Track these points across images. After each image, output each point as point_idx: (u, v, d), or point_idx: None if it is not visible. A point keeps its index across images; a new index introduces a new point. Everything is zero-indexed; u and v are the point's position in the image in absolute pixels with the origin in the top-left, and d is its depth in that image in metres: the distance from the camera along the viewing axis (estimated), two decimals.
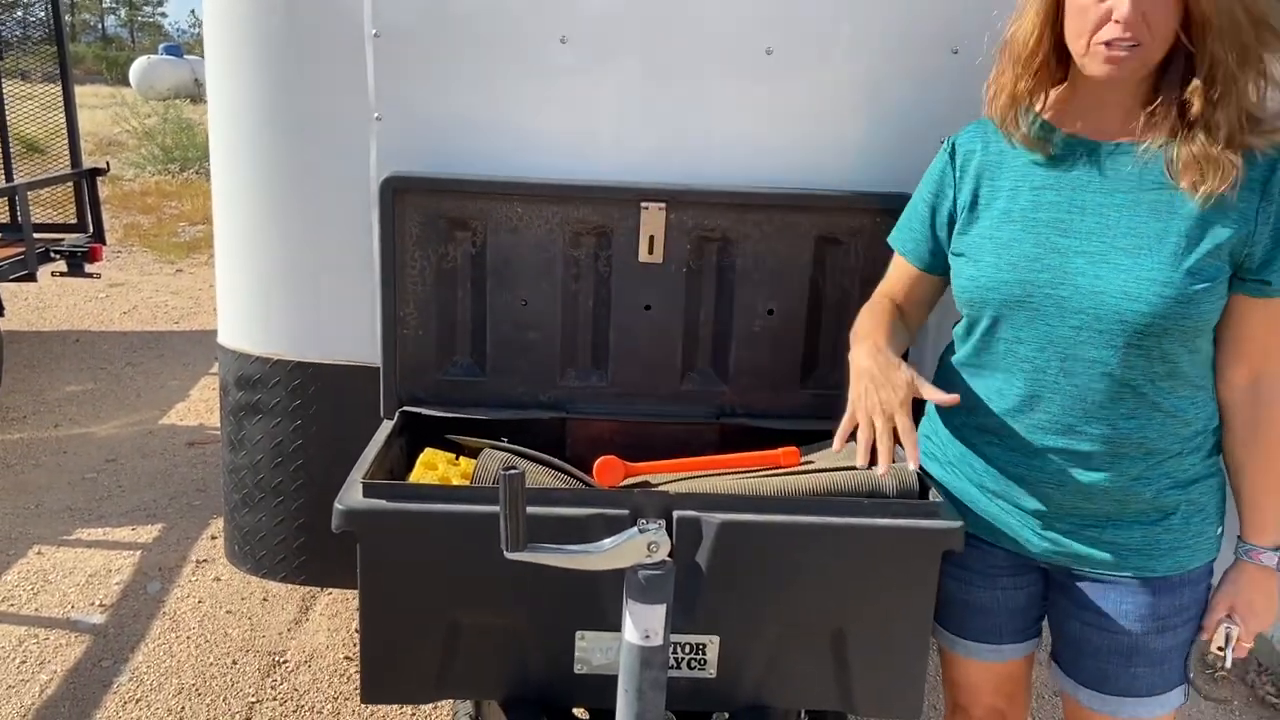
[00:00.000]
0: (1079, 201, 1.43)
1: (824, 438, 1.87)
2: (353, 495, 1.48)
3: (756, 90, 1.85)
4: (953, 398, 1.43)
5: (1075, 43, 1.36)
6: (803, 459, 1.79)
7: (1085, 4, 1.32)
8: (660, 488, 1.73)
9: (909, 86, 1.85)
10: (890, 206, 1.82)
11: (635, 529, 1.33)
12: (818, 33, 1.84)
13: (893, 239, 1.67)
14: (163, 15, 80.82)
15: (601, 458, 1.75)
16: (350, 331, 1.97)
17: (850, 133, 1.88)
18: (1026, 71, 1.43)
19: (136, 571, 3.42)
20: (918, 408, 1.74)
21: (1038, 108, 1.47)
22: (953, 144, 1.58)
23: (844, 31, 1.84)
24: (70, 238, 5.57)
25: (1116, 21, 1.29)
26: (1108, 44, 1.31)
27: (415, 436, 1.84)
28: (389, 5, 1.82)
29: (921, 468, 1.66)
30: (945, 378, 1.62)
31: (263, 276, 2.01)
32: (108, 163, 6.61)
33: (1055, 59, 1.43)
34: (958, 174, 1.55)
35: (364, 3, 1.82)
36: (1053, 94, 1.47)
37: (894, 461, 1.73)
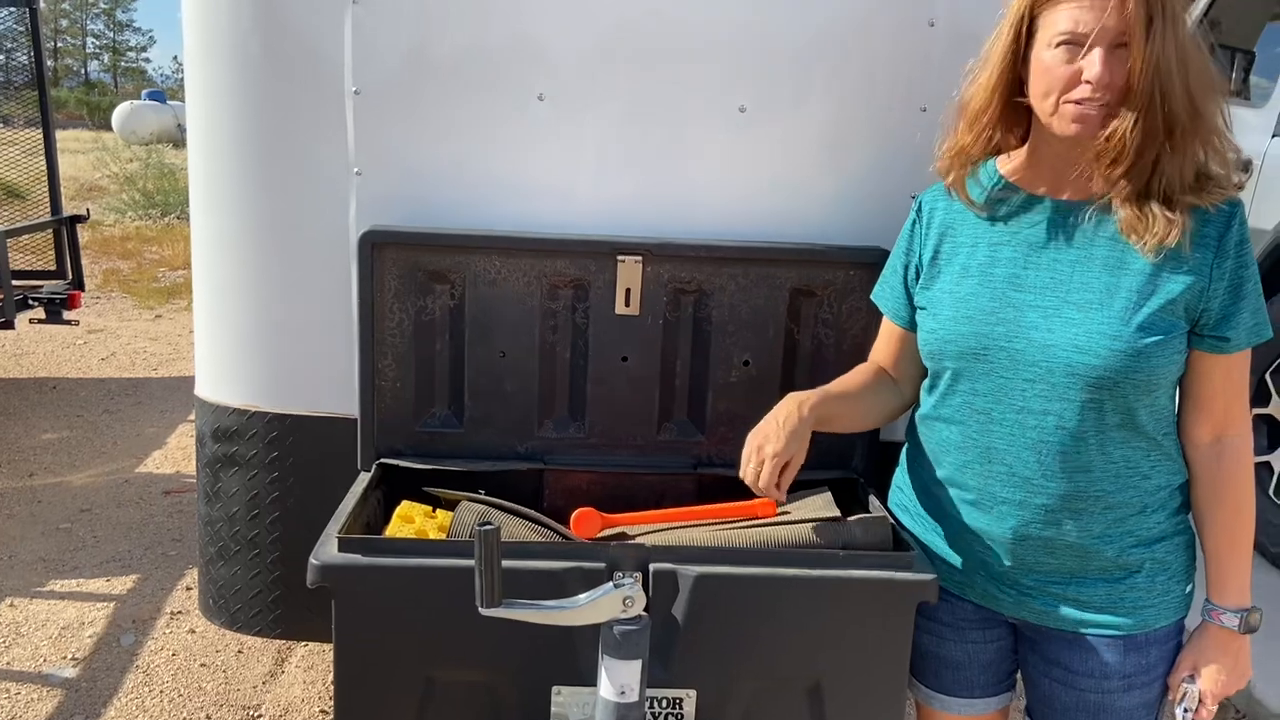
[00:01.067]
0: (1034, 257, 1.46)
1: (800, 488, 1.89)
2: (328, 550, 1.48)
3: (730, 146, 1.89)
4: (779, 496, 1.51)
5: (1043, 102, 1.38)
6: (779, 510, 1.80)
7: (1053, 64, 1.36)
8: (637, 539, 1.74)
9: (878, 143, 1.89)
10: (861, 260, 1.86)
11: (610, 584, 1.34)
12: (789, 91, 1.88)
13: (875, 296, 1.70)
14: (146, 61, 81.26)
15: (578, 509, 1.76)
16: (328, 383, 1.98)
17: (821, 188, 1.92)
18: (976, 130, 1.47)
19: (110, 624, 3.37)
20: (892, 465, 1.76)
21: (1001, 167, 1.50)
22: (919, 202, 1.61)
23: (815, 90, 1.88)
24: (49, 284, 5.55)
25: (1087, 82, 1.33)
26: (1078, 103, 1.34)
27: (392, 489, 1.84)
28: (369, 64, 1.85)
29: (895, 519, 1.68)
30: (913, 431, 1.64)
31: (242, 328, 2.02)
32: (88, 209, 6.60)
33: (1005, 118, 1.46)
34: (923, 230, 1.59)
35: (345, 61, 1.85)
36: (1012, 153, 1.50)
37: (869, 512, 1.76)
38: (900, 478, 1.71)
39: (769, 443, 1.48)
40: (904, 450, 1.71)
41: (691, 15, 1.84)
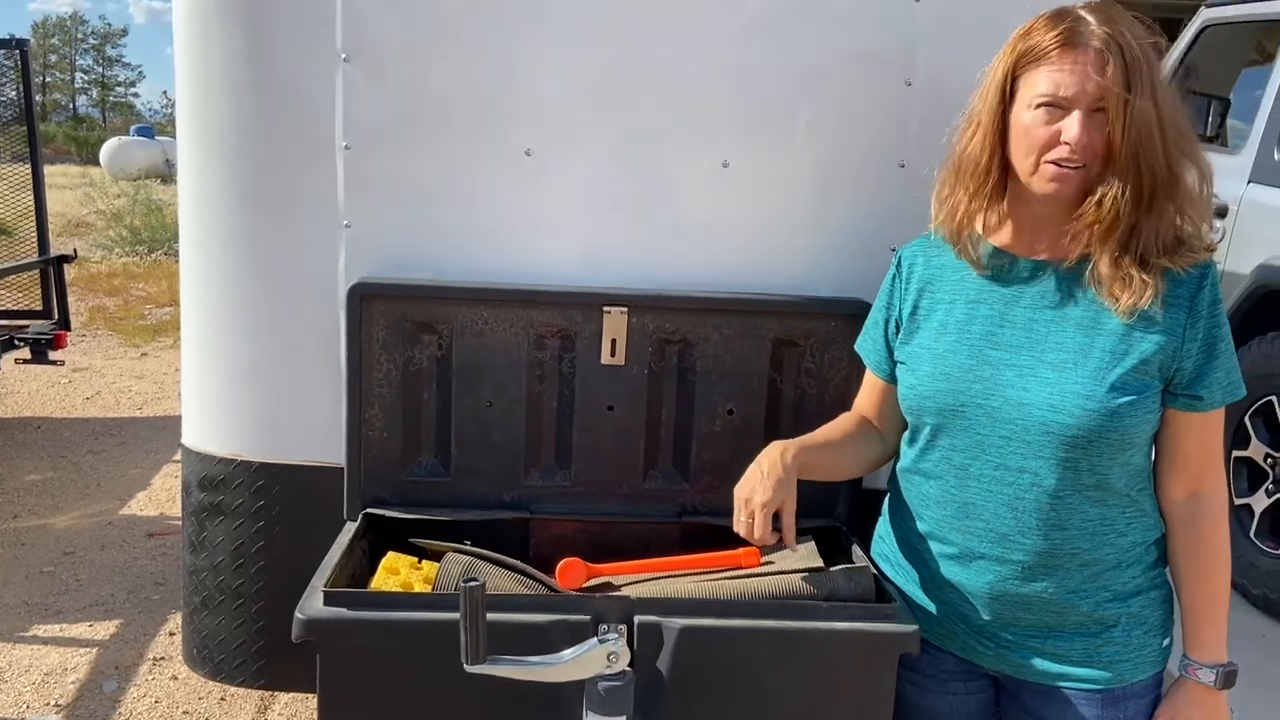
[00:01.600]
0: (1010, 315, 1.48)
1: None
2: (313, 604, 1.49)
3: (714, 200, 1.92)
4: (777, 539, 1.53)
5: (1023, 161, 1.41)
6: (763, 559, 1.81)
7: (1032, 125, 1.38)
8: (622, 590, 1.75)
9: (858, 198, 1.93)
10: (843, 311, 1.89)
11: (595, 639, 1.35)
12: (771, 147, 1.92)
13: (859, 347, 1.72)
14: (135, 96, 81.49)
15: (564, 560, 1.76)
16: (315, 433, 1.98)
17: (803, 241, 1.95)
18: (979, 190, 1.47)
19: (93, 670, 3.34)
20: (875, 513, 1.78)
21: (978, 225, 1.54)
22: (899, 256, 1.64)
23: (796, 146, 1.92)
24: (35, 324, 5.54)
25: (1065, 143, 1.36)
26: (1056, 163, 1.37)
27: (378, 539, 1.85)
28: (359, 119, 1.88)
29: (878, 569, 1.69)
30: (894, 482, 1.67)
31: (229, 378, 2.03)
32: (75, 249, 6.62)
33: (999, 179, 1.47)
34: (903, 285, 1.62)
35: (336, 115, 1.88)
36: (992, 212, 1.53)
37: (852, 562, 1.77)
38: (883, 527, 1.73)
39: (756, 494, 1.50)
40: (886, 500, 1.73)
41: (676, 75, 1.88)
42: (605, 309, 1.89)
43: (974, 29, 1.80)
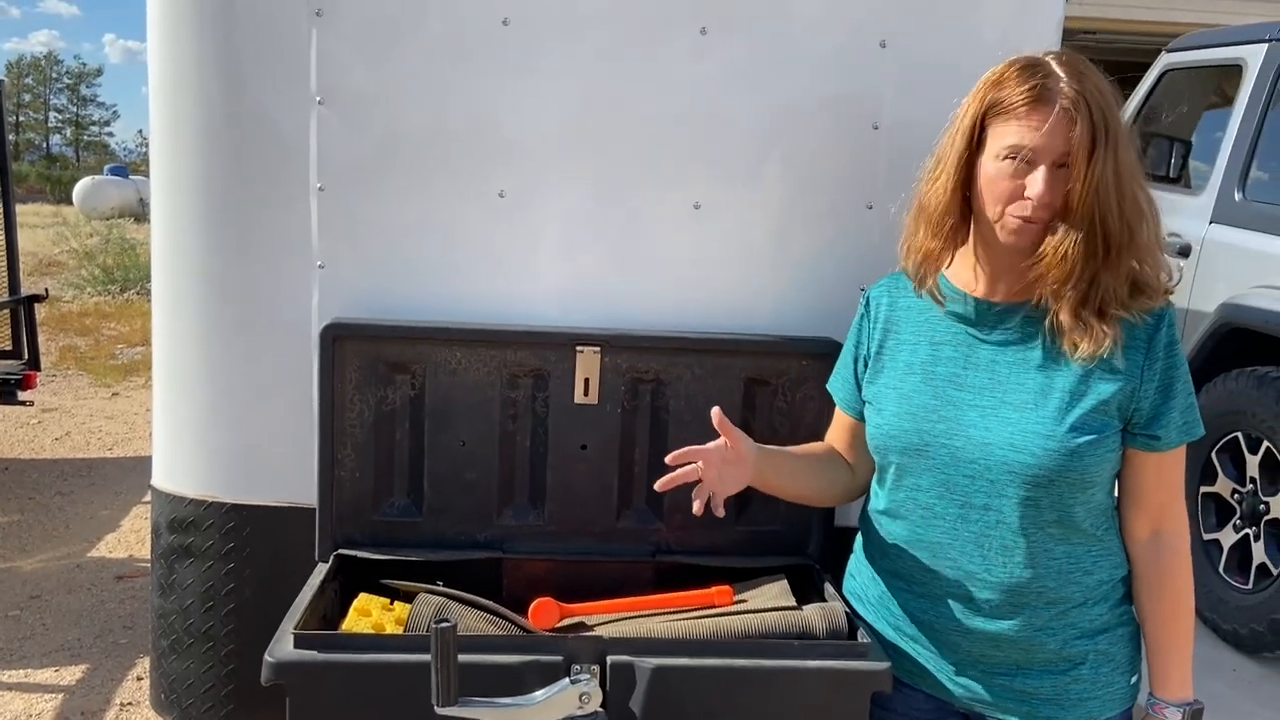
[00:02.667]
0: (974, 357, 1.51)
1: (758, 574, 1.91)
2: (283, 646, 1.48)
3: (685, 241, 1.95)
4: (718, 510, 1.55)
5: (989, 209, 1.43)
6: (736, 597, 1.82)
7: (997, 177, 1.41)
8: (596, 630, 1.74)
9: (827, 239, 1.96)
10: (813, 350, 1.91)
11: (567, 680, 1.35)
12: (741, 189, 1.95)
13: (830, 386, 1.74)
14: (109, 135, 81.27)
15: (537, 600, 1.76)
16: (287, 474, 1.98)
17: (773, 281, 1.97)
18: (940, 233, 1.50)
19: (58, 716, 3.28)
20: (847, 550, 1.79)
21: (943, 266, 1.56)
22: (867, 296, 1.67)
23: (765, 187, 1.95)
24: (4, 364, 5.48)
25: (1028, 198, 1.38)
26: (1020, 218, 1.40)
27: (350, 580, 1.83)
28: (333, 160, 1.90)
29: (850, 608, 1.70)
30: (865, 523, 1.68)
31: (200, 419, 2.02)
32: (46, 289, 6.56)
33: (964, 222, 1.50)
34: (870, 325, 1.64)
35: (310, 156, 1.90)
36: (955, 254, 1.56)
37: (824, 600, 1.78)
38: (854, 564, 1.74)
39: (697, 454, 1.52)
40: (858, 538, 1.74)
41: (648, 120, 1.91)
42: (578, 348, 1.90)
43: (940, 73, 1.84)
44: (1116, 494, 1.53)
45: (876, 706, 1.61)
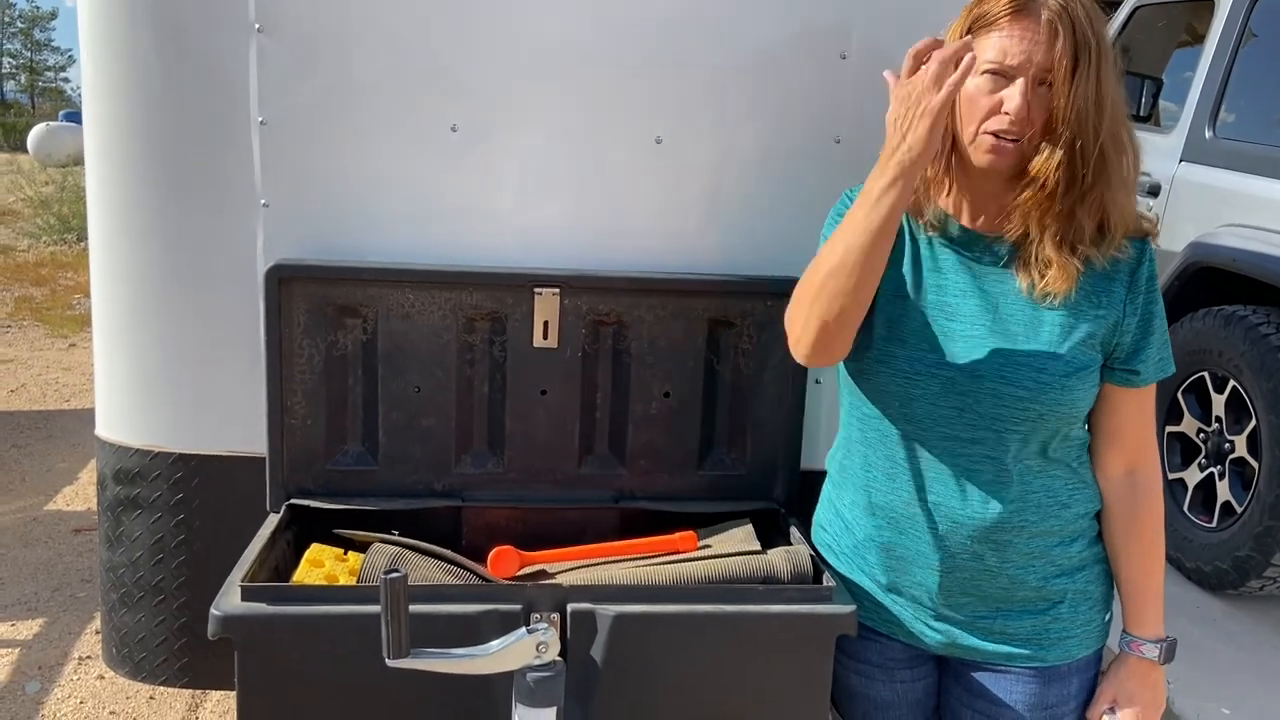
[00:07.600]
0: (962, 286, 1.46)
1: (722, 519, 1.87)
2: (230, 599, 1.42)
3: (646, 178, 1.87)
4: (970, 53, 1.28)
5: (964, 129, 1.38)
6: (700, 543, 1.78)
7: (975, 94, 1.35)
8: (556, 578, 1.70)
9: (793, 175, 1.89)
10: (779, 290, 1.85)
11: (523, 629, 1.30)
12: (704, 123, 1.87)
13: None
14: (65, 80, 79.09)
15: (496, 548, 1.72)
16: (235, 422, 1.91)
17: (738, 219, 1.91)
18: (934, 162, 1.43)
19: (15, 671, 3.22)
20: (814, 494, 1.75)
21: (939, 197, 1.50)
22: (848, 194, 1.57)
23: (730, 120, 1.87)
24: None
25: (1005, 113, 1.33)
26: (994, 134, 1.34)
27: (303, 531, 1.78)
28: (275, 93, 1.80)
29: (816, 552, 1.67)
30: (837, 462, 1.63)
31: (143, 365, 1.94)
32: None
33: (952, 147, 1.43)
34: None
35: (250, 90, 1.80)
36: (952, 183, 1.48)
37: (790, 544, 1.75)
38: (823, 515, 1.69)
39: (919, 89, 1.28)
40: (826, 487, 1.69)
41: (605, 47, 1.83)
42: (536, 290, 1.84)
43: None
44: (1088, 429, 1.50)
45: (852, 659, 1.59)
